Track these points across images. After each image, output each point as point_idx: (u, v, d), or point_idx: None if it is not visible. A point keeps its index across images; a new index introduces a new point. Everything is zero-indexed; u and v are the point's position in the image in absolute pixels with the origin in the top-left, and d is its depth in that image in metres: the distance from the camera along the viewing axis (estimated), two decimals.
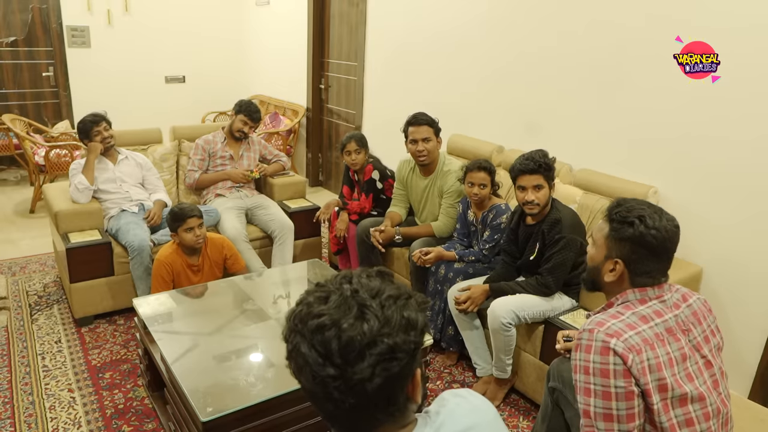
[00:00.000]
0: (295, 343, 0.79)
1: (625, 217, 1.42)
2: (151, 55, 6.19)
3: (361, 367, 0.75)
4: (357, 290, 0.80)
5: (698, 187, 2.58)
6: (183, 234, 2.75)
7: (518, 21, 3.32)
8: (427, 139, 2.98)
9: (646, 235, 1.38)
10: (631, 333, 1.33)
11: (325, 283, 0.84)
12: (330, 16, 5.27)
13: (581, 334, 1.38)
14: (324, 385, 0.76)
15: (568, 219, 2.37)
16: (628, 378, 1.29)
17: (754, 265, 2.45)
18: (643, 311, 1.39)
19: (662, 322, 1.38)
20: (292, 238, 3.47)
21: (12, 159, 5.41)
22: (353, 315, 0.77)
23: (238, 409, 1.82)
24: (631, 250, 1.41)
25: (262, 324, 2.44)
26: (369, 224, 3.22)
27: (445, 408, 0.89)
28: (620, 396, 1.29)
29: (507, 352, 2.44)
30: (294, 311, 0.82)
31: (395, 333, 0.77)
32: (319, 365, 0.76)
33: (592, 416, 1.32)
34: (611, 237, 1.44)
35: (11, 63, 5.62)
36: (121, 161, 3.34)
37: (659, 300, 1.42)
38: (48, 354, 2.82)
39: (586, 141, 3.04)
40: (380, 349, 0.76)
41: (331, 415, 0.80)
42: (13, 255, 3.93)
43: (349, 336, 0.75)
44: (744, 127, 2.39)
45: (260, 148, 3.84)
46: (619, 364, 1.29)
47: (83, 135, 3.21)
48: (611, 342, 1.30)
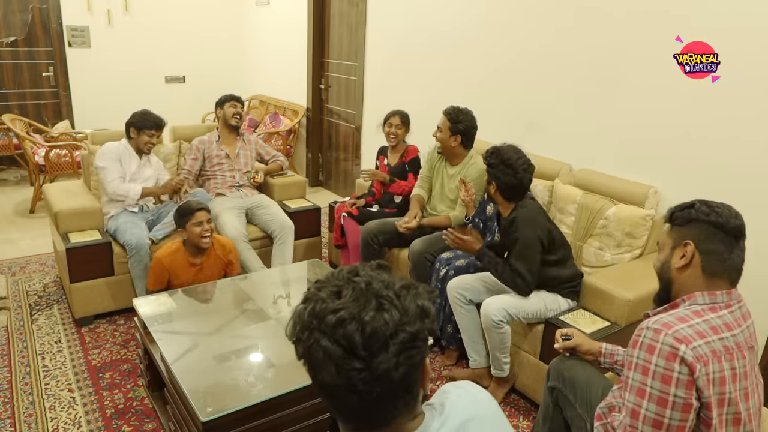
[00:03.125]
0: (311, 341, 0.78)
1: (684, 204, 1.43)
2: (151, 55, 6.19)
3: (386, 357, 0.76)
4: (370, 282, 0.80)
5: (698, 187, 2.58)
6: (192, 228, 2.70)
7: (517, 20, 3.32)
8: (439, 128, 3.09)
9: (709, 213, 1.39)
10: (700, 342, 1.26)
11: (328, 279, 0.84)
12: (330, 16, 5.27)
13: (643, 332, 1.32)
14: (349, 378, 0.76)
15: (523, 217, 2.39)
16: (690, 389, 1.24)
17: (753, 265, 2.44)
18: (713, 321, 1.32)
19: (731, 336, 1.32)
20: (292, 238, 3.47)
21: (12, 159, 5.42)
22: (373, 307, 0.77)
23: (238, 409, 1.82)
24: (698, 229, 1.40)
25: (262, 324, 2.44)
26: (374, 227, 3.21)
27: (448, 400, 0.90)
28: (677, 406, 1.24)
29: (502, 350, 2.44)
30: (305, 309, 0.81)
31: (413, 322, 0.79)
32: (343, 359, 0.76)
33: (640, 419, 1.28)
34: (674, 228, 1.45)
35: (11, 63, 5.63)
36: (145, 164, 3.35)
37: (729, 311, 1.36)
38: (48, 354, 2.82)
39: (586, 141, 3.04)
40: (402, 338, 0.77)
41: (354, 409, 0.80)
42: (13, 255, 3.93)
43: (373, 327, 0.76)
44: (744, 127, 2.39)
45: (257, 147, 3.84)
46: (684, 374, 1.24)
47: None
48: (681, 349, 1.25)
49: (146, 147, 3.28)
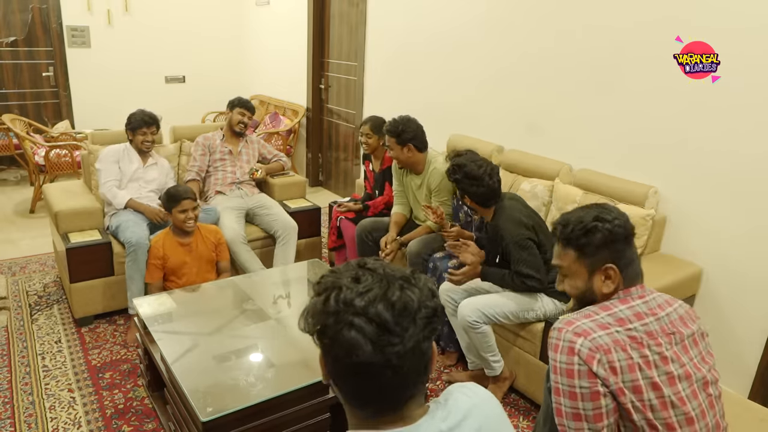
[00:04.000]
0: (341, 325, 0.82)
1: (584, 228, 1.41)
2: (151, 55, 6.19)
3: (414, 331, 0.84)
4: (383, 268, 0.88)
5: (698, 187, 2.58)
6: (176, 214, 2.88)
7: (518, 21, 3.32)
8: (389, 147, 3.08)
9: (613, 229, 1.39)
10: (600, 333, 1.31)
11: (337, 272, 0.90)
12: (330, 16, 5.27)
13: (552, 332, 1.37)
14: (384, 354, 0.82)
15: (504, 221, 2.39)
16: (592, 379, 1.27)
17: (753, 265, 2.45)
18: (621, 313, 1.35)
19: (642, 325, 1.34)
20: (295, 239, 3.46)
21: (12, 159, 5.41)
22: (397, 287, 0.85)
23: (238, 409, 1.82)
24: (610, 250, 1.39)
25: (262, 324, 2.44)
26: (368, 225, 3.22)
27: (453, 396, 0.95)
28: (585, 396, 1.28)
29: (487, 349, 2.44)
30: (326, 298, 0.85)
31: (430, 298, 0.87)
32: (379, 336, 0.82)
33: (563, 415, 1.32)
34: (584, 254, 1.42)
35: (11, 63, 5.63)
36: (150, 166, 3.35)
37: (642, 300, 1.38)
38: (48, 354, 2.82)
39: (586, 141, 3.04)
40: (425, 313, 0.85)
41: (383, 387, 0.84)
42: (13, 255, 3.93)
43: (402, 303, 0.84)
44: (744, 127, 2.39)
45: (259, 147, 3.85)
46: (582, 365, 1.28)
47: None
48: (577, 342, 1.29)
49: (144, 145, 3.29)
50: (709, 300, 2.59)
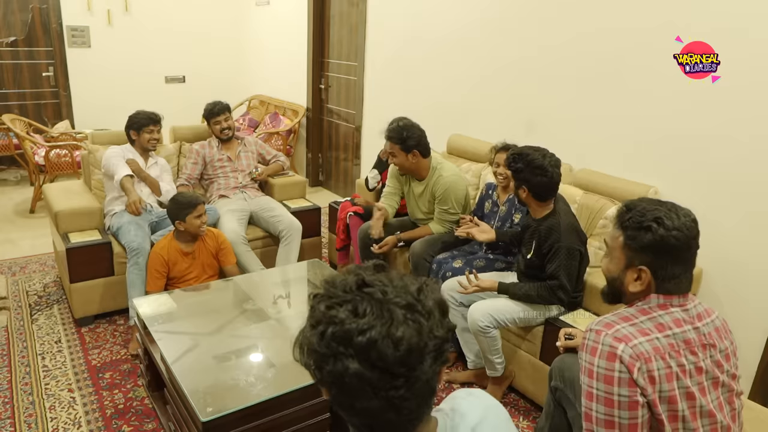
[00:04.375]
0: (339, 369, 0.74)
1: (641, 222, 1.30)
2: (151, 55, 6.19)
3: (422, 369, 0.75)
4: (385, 291, 0.77)
5: (698, 187, 2.58)
6: (192, 220, 2.81)
7: (518, 21, 3.32)
8: (392, 153, 3.00)
9: (667, 238, 1.28)
10: (641, 339, 1.25)
11: (333, 292, 0.79)
12: (330, 16, 5.27)
13: (587, 334, 1.31)
14: (388, 399, 0.74)
15: (564, 226, 2.31)
16: (633, 387, 1.23)
17: (754, 265, 2.45)
18: (660, 318, 1.30)
19: (681, 333, 1.29)
20: (299, 239, 3.45)
21: (12, 159, 5.41)
22: (400, 320, 0.74)
23: (238, 409, 1.82)
24: (655, 256, 1.30)
25: (262, 324, 2.44)
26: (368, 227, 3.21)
27: (459, 405, 0.90)
28: (623, 405, 1.23)
29: (493, 352, 2.44)
30: (322, 333, 0.76)
31: (439, 324, 0.78)
32: (381, 381, 0.73)
33: (593, 421, 1.27)
34: (628, 246, 1.33)
35: (11, 63, 5.62)
36: (151, 166, 3.36)
37: (682, 308, 1.32)
38: (48, 354, 2.82)
39: (586, 141, 3.04)
40: (435, 345, 0.76)
41: (384, 424, 0.78)
42: (13, 255, 3.93)
43: (408, 344, 0.73)
44: (744, 127, 2.39)
45: (257, 147, 3.85)
46: (624, 372, 1.23)
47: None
48: (618, 348, 1.24)
49: (150, 144, 3.31)
50: (709, 300, 2.57)
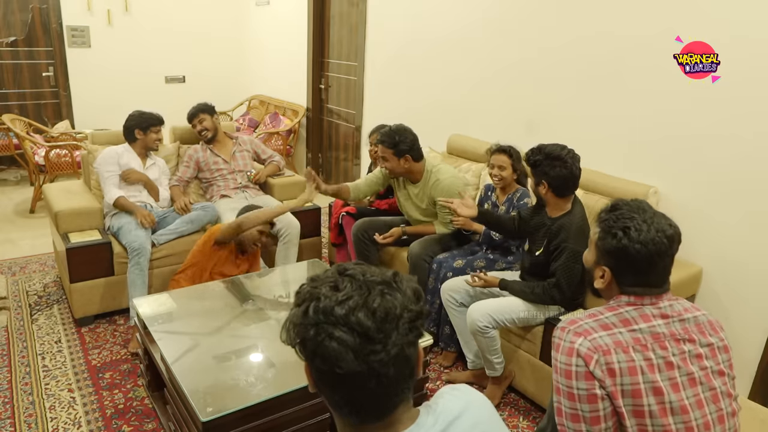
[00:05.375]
0: (322, 336, 0.81)
1: (610, 227, 1.35)
2: (151, 55, 6.19)
3: (398, 337, 0.82)
4: (364, 273, 0.86)
5: (698, 187, 2.58)
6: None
7: (518, 21, 3.32)
8: (384, 158, 3.00)
9: (628, 248, 1.31)
10: (601, 333, 1.29)
11: (317, 279, 0.87)
12: (330, 16, 5.27)
13: (555, 331, 1.36)
14: (368, 363, 0.80)
15: (576, 227, 2.28)
16: (590, 380, 1.25)
17: (754, 265, 2.45)
18: (627, 314, 1.33)
19: (648, 327, 1.31)
20: (297, 238, 3.44)
21: (12, 159, 5.41)
22: (377, 293, 0.83)
23: (238, 409, 1.82)
24: (615, 261, 1.35)
25: (262, 324, 2.45)
26: (365, 223, 3.22)
27: (443, 399, 0.95)
28: (582, 398, 1.26)
29: (492, 352, 2.44)
30: (305, 309, 0.83)
31: (414, 302, 0.86)
32: (361, 345, 0.80)
33: (563, 415, 1.31)
34: (597, 245, 1.39)
35: (11, 63, 5.63)
36: (150, 167, 3.35)
37: (654, 306, 1.34)
38: (48, 354, 2.82)
39: (586, 141, 3.03)
40: (409, 317, 0.84)
41: (367, 396, 0.84)
42: (13, 255, 3.93)
43: (384, 309, 0.82)
44: (744, 127, 2.39)
45: (253, 146, 3.84)
46: (581, 366, 1.26)
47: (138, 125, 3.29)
48: (576, 342, 1.28)
49: (155, 144, 3.33)
50: (709, 300, 2.59)
